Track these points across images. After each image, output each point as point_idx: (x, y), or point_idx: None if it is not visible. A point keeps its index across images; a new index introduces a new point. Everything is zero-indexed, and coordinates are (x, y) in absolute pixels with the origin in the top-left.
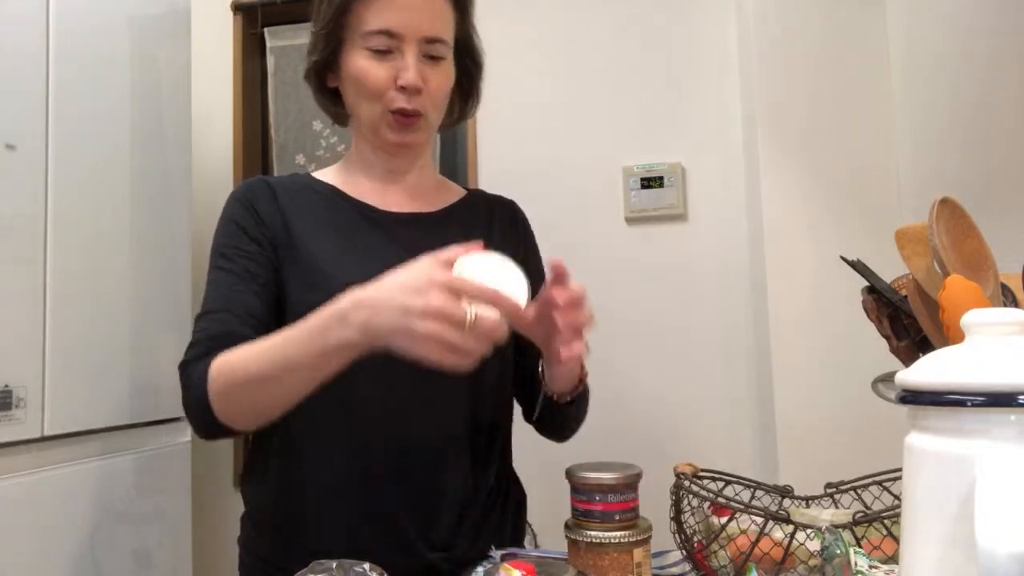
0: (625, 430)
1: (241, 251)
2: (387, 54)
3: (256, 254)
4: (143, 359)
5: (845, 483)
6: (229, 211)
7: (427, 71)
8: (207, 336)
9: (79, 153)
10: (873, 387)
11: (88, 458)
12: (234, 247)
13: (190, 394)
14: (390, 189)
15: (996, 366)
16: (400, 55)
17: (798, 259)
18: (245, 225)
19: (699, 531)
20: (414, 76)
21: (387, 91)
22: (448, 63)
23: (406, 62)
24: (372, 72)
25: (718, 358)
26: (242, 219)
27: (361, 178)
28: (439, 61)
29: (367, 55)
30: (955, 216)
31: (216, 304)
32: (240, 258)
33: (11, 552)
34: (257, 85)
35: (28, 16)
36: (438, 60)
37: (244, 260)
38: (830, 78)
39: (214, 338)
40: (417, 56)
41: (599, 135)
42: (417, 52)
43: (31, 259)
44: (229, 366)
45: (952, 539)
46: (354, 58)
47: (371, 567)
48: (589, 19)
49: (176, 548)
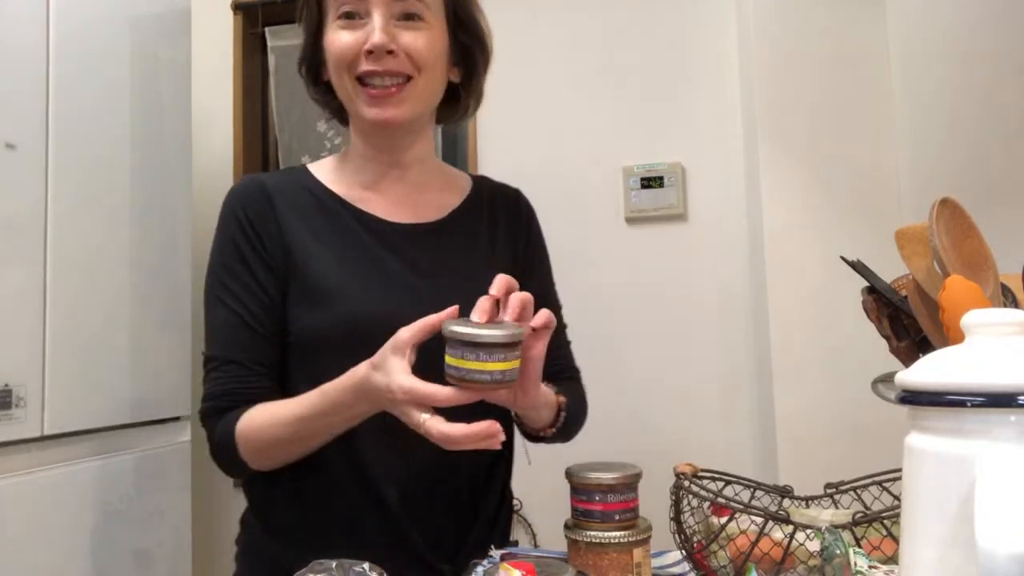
0: (625, 430)
1: (245, 287)
2: (356, 20)
3: (259, 291)
4: (143, 359)
5: (845, 483)
6: (228, 229)
7: (401, 32)
8: (222, 391)
9: (79, 153)
10: (873, 387)
11: (88, 458)
12: (236, 280)
13: (219, 450)
14: (391, 190)
15: (996, 366)
16: (369, 18)
17: (798, 259)
18: (245, 251)
19: (699, 531)
20: (379, 35)
21: (356, 60)
22: (430, 26)
23: (372, 23)
24: (339, 40)
25: (718, 358)
26: (243, 242)
27: (359, 176)
28: (416, 22)
29: (338, 25)
30: (955, 216)
31: (223, 350)
32: (244, 295)
33: (11, 552)
34: (257, 85)
35: (28, 16)
36: (415, 20)
37: (247, 298)
38: (830, 78)
39: (229, 393)
40: (386, 16)
41: (599, 135)
42: (386, 12)
43: (31, 259)
44: (256, 432)
45: (952, 539)
46: (328, 34)
47: (371, 567)
48: (589, 19)
49: (176, 548)
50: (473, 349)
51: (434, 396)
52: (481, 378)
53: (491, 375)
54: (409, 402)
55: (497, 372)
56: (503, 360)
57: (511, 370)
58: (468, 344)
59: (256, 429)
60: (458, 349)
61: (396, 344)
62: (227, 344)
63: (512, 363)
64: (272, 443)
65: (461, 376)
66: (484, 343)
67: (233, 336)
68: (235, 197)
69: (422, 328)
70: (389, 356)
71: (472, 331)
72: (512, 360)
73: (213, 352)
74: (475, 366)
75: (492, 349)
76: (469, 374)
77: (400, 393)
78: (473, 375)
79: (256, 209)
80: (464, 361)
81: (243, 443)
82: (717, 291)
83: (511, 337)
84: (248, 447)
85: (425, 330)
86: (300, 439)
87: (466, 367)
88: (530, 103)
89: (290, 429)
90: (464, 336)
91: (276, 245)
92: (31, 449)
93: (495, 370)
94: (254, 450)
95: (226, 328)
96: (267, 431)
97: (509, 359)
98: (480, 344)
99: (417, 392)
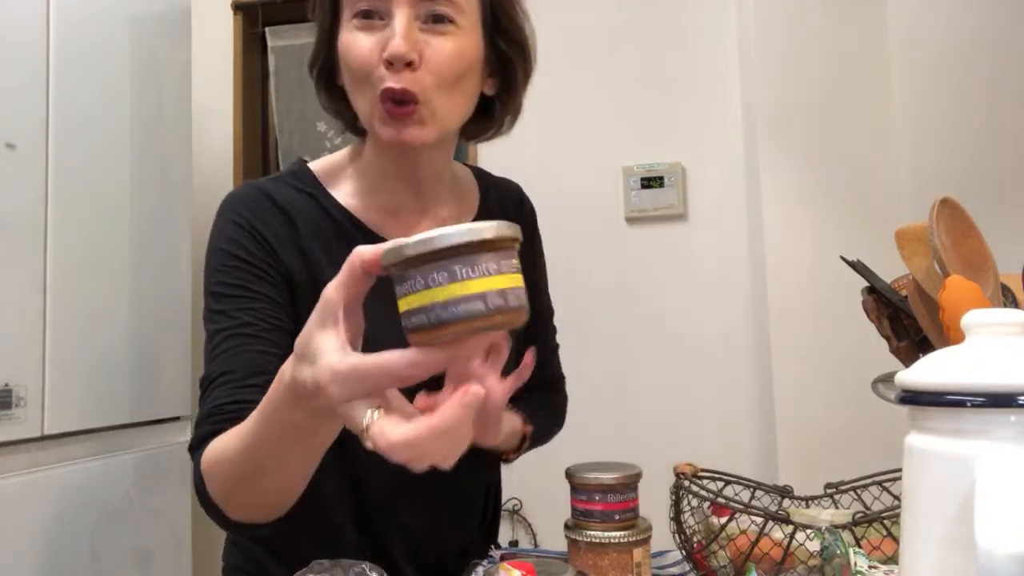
0: (625, 430)
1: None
2: (375, 20)
3: (268, 313)
4: (143, 359)
5: (845, 483)
6: (230, 244)
7: (427, 38)
8: (204, 414)
9: (79, 153)
10: (873, 387)
11: (88, 458)
12: (235, 304)
13: (198, 493)
14: (407, 210)
15: (996, 366)
16: (391, 20)
17: (798, 259)
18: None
19: (699, 531)
20: (399, 42)
21: (374, 69)
22: (461, 30)
23: (394, 26)
24: (356, 45)
25: (718, 358)
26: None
27: (377, 196)
28: (446, 25)
29: (354, 25)
30: (955, 216)
31: (218, 366)
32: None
33: (11, 552)
34: (258, 85)
35: (28, 16)
36: (444, 23)
37: (253, 312)
38: (830, 78)
39: (209, 416)
40: (411, 19)
41: (599, 135)
42: (410, 14)
43: (31, 259)
44: (215, 463)
45: (952, 540)
46: (343, 35)
47: (371, 567)
48: (589, 19)
49: (176, 548)
50: (442, 264)
51: (387, 367)
52: (468, 311)
53: (484, 301)
54: (348, 392)
55: (493, 294)
56: (496, 273)
57: (514, 289)
58: (432, 258)
59: (216, 461)
60: (417, 277)
61: (323, 310)
62: (223, 360)
63: (511, 277)
64: (236, 480)
65: (431, 321)
66: (457, 246)
67: (231, 349)
68: (241, 206)
69: (353, 271)
70: (314, 333)
71: (434, 234)
72: (510, 272)
73: (207, 371)
74: (452, 292)
75: (475, 254)
76: (445, 310)
77: (332, 383)
78: (452, 311)
79: (270, 222)
80: (431, 292)
81: (213, 489)
82: (717, 291)
83: (501, 231)
84: (219, 494)
85: (357, 274)
86: (264, 471)
87: (439, 299)
88: (530, 103)
89: (242, 460)
90: (423, 246)
91: (296, 261)
92: (31, 449)
93: (488, 291)
94: (227, 497)
95: (224, 342)
96: (225, 466)
97: (505, 269)
98: (451, 250)
99: (359, 370)
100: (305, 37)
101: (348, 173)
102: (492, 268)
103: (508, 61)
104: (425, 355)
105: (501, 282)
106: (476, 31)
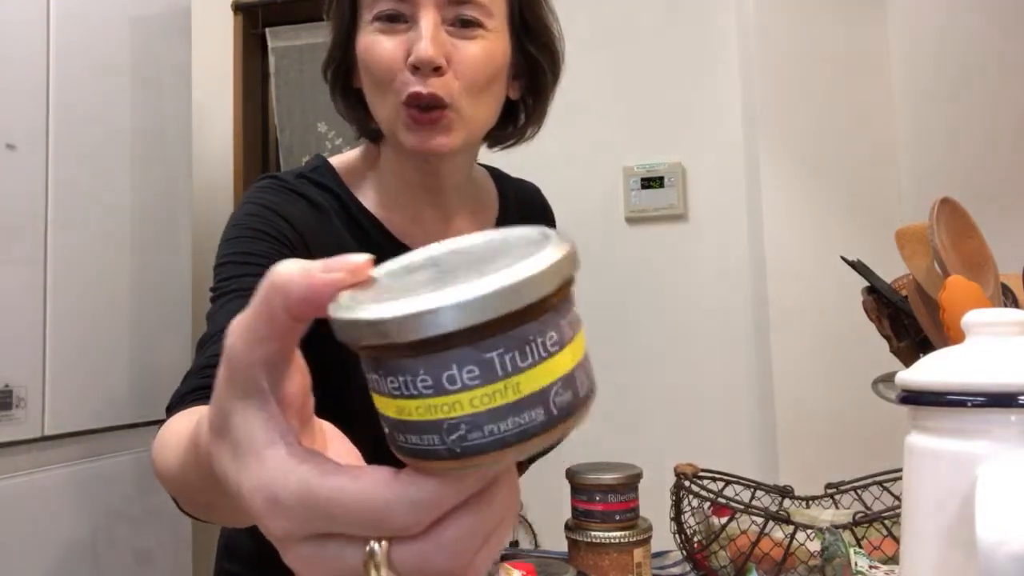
0: (625, 430)
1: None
2: (399, 23)
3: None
4: (143, 359)
5: (845, 483)
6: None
7: (454, 42)
8: (194, 368)
9: (79, 153)
10: (873, 387)
11: (88, 458)
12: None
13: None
14: (428, 219)
15: (996, 366)
16: (415, 23)
17: (798, 259)
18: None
19: (699, 531)
20: (427, 45)
21: (398, 74)
22: (490, 33)
23: (420, 30)
24: (378, 48)
25: (718, 358)
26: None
27: (399, 204)
28: (474, 29)
29: (375, 28)
30: (955, 216)
31: (217, 326)
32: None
33: (11, 552)
34: (258, 85)
35: (28, 16)
36: (472, 27)
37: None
38: (830, 78)
39: (200, 370)
40: (437, 22)
41: (599, 135)
42: (436, 16)
43: (31, 259)
44: (160, 460)
45: (952, 539)
46: (362, 37)
47: None
48: (589, 19)
49: (176, 548)
50: (468, 351)
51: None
52: (518, 429)
53: (545, 404)
54: (297, 531)
55: (559, 387)
56: (557, 347)
57: (582, 364)
58: (448, 344)
59: (160, 460)
60: (420, 372)
61: (233, 375)
62: (225, 317)
63: (576, 343)
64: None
65: (451, 450)
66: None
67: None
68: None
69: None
70: (233, 408)
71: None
72: (572, 335)
73: (206, 331)
74: (490, 402)
75: (528, 323)
76: (477, 431)
77: (270, 515)
78: (489, 431)
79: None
80: (448, 401)
81: (156, 468)
82: (717, 291)
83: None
84: (161, 479)
85: (280, 323)
86: (201, 506)
87: (464, 412)
88: None
89: (178, 487)
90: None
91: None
92: (31, 449)
93: (551, 384)
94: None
95: (230, 303)
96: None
97: (567, 333)
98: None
99: (313, 501)
100: (306, 38)
101: (373, 183)
102: (553, 340)
103: (536, 64)
104: (436, 491)
105: (566, 360)
106: (504, 33)
